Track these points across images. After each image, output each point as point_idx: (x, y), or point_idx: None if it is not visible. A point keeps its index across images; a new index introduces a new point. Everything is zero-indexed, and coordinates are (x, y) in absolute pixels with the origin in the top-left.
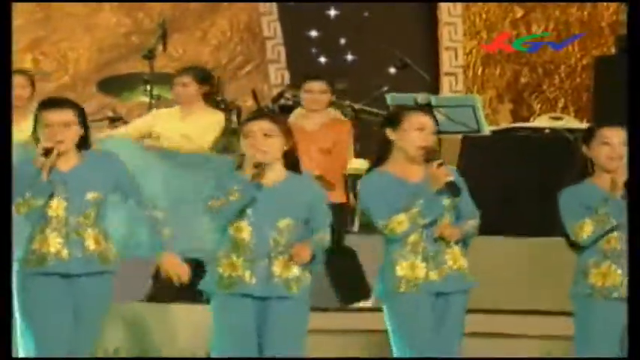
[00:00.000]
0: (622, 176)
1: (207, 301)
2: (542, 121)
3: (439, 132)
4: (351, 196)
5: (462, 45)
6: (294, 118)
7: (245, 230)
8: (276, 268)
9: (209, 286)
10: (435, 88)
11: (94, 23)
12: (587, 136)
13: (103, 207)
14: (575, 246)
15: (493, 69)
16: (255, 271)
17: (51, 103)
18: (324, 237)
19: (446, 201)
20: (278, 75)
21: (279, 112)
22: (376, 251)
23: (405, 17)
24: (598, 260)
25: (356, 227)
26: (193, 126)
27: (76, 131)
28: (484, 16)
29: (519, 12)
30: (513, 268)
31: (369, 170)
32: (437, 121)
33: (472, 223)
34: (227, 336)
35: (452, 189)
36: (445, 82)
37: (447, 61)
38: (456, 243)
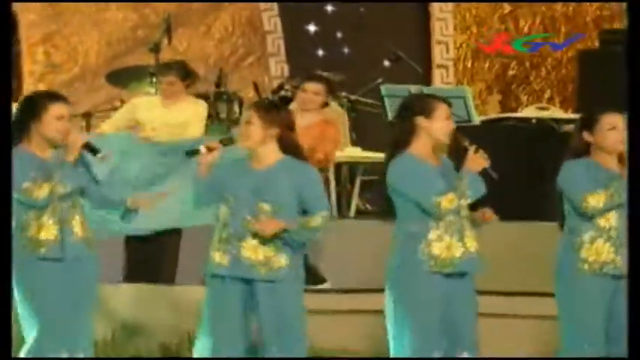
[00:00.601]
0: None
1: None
2: (530, 112)
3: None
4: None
5: (453, 39)
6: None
7: (224, 213)
8: (245, 251)
9: (205, 268)
10: (427, 80)
11: (103, 18)
12: (589, 122)
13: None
14: (565, 224)
15: (482, 62)
16: (226, 252)
17: (57, 97)
18: (313, 220)
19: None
20: (278, 67)
21: (279, 102)
22: (372, 236)
23: (398, 13)
24: (594, 236)
25: (352, 213)
26: (178, 115)
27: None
28: (474, 11)
29: (507, 8)
30: (501, 250)
31: (394, 155)
32: None
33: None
34: (210, 317)
35: (486, 174)
36: (437, 74)
37: (439, 55)
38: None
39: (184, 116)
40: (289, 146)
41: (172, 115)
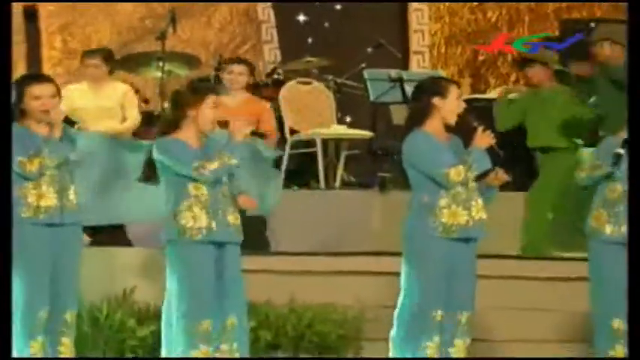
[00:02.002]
0: None
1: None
2: (497, 93)
3: (409, 101)
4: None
5: (428, 28)
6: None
7: (201, 187)
8: (230, 217)
9: (172, 235)
10: (405, 65)
11: (114, 10)
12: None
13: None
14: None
15: (455, 48)
16: (214, 220)
17: (37, 78)
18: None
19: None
20: (271, 54)
21: (272, 85)
22: (355, 204)
23: (380, 5)
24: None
25: (338, 184)
26: (108, 98)
27: (58, 102)
28: (447, 3)
29: (475, 2)
30: None
31: (409, 132)
32: (405, 93)
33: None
34: (190, 280)
35: (492, 151)
36: (414, 59)
37: (416, 42)
38: (480, 196)
39: (114, 99)
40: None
41: (103, 99)
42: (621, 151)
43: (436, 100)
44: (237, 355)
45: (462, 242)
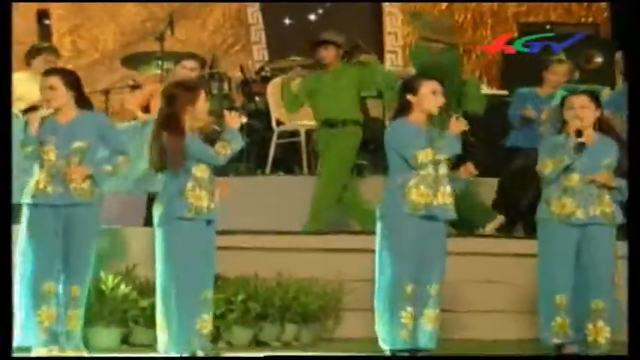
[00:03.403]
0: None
1: None
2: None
3: (383, 96)
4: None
5: (401, 30)
6: None
7: (203, 169)
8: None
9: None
10: (380, 63)
11: (118, 13)
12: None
13: (88, 153)
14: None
15: None
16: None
17: (45, 72)
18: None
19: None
20: (260, 53)
21: (260, 81)
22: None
23: (357, 10)
24: (559, 194)
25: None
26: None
27: (62, 93)
28: (418, 7)
29: (444, 4)
30: None
31: (393, 122)
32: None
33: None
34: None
35: (466, 135)
36: (388, 58)
37: (390, 43)
38: (449, 184)
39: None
40: None
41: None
42: (583, 139)
43: (410, 97)
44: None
45: (429, 220)
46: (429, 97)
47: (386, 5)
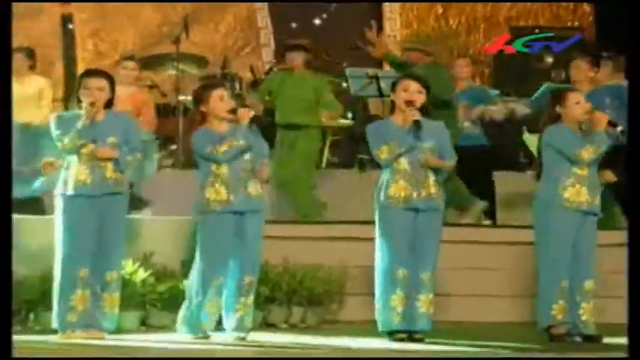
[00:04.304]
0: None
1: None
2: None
3: (384, 95)
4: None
5: (400, 33)
6: None
7: (223, 167)
8: (251, 190)
9: (200, 207)
10: (380, 65)
11: (137, 17)
12: (561, 99)
13: (118, 148)
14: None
15: None
16: (233, 193)
17: (91, 73)
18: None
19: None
20: (268, 55)
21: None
22: (338, 180)
23: (359, 14)
24: (573, 181)
25: (324, 164)
26: (29, 87)
27: (106, 94)
28: (415, 12)
29: (440, 10)
30: None
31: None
32: (380, 88)
33: (448, 163)
34: (212, 245)
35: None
36: None
37: (389, 45)
38: (435, 175)
39: (34, 88)
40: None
41: (25, 88)
42: (620, 127)
43: (392, 95)
44: (249, 307)
45: (421, 213)
46: (403, 94)
47: (385, 11)
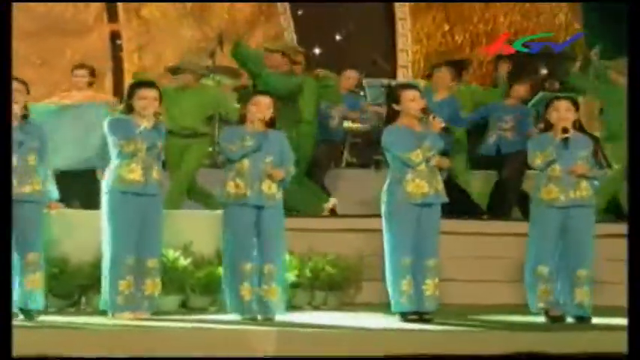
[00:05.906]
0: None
1: None
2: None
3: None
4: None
5: (411, 48)
6: None
7: (245, 163)
8: (264, 187)
9: (223, 199)
10: (394, 76)
11: (177, 34)
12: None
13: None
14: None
15: (430, 63)
16: (250, 188)
17: (145, 84)
18: (289, 169)
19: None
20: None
21: None
22: (357, 179)
23: (376, 31)
24: (546, 182)
25: (343, 164)
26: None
27: (158, 104)
28: (425, 30)
29: (447, 27)
30: None
31: (385, 127)
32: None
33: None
34: (234, 233)
35: (446, 131)
36: (400, 72)
37: (401, 59)
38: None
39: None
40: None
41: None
42: (568, 135)
43: (394, 105)
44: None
45: (425, 207)
46: (410, 103)
47: (398, 27)
